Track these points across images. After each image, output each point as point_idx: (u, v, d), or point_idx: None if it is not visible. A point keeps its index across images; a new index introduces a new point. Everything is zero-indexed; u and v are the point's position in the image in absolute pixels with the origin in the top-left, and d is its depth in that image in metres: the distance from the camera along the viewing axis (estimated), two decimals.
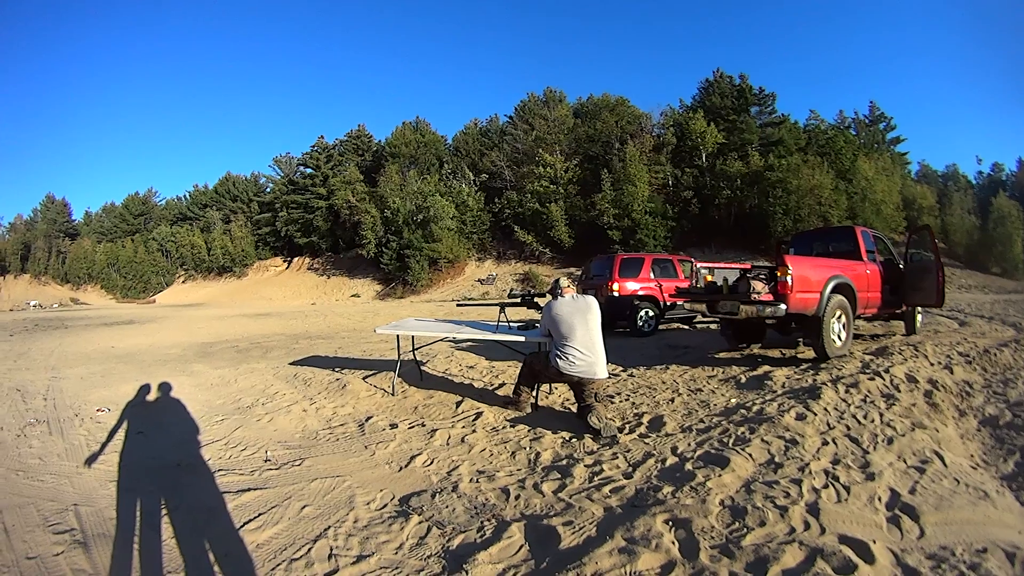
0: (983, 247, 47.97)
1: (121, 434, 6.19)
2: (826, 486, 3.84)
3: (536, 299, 7.84)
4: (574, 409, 6.49)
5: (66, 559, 3.53)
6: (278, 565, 3.34)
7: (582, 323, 6.01)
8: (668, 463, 4.58)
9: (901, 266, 10.79)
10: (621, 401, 7.14)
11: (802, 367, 8.21)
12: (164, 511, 4.13)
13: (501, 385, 8.22)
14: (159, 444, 5.84)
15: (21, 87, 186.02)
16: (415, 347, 9.18)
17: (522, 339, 7.22)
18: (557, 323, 6.08)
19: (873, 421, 5.27)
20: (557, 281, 6.50)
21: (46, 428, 6.61)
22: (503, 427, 6.16)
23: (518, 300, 7.94)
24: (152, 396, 8.09)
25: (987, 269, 45.10)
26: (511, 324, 7.79)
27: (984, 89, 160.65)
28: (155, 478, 4.85)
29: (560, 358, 6.03)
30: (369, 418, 6.65)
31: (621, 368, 9.19)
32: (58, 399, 8.13)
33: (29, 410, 7.53)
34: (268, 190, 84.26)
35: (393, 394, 7.78)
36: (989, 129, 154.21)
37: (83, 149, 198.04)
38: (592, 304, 6.16)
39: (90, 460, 5.39)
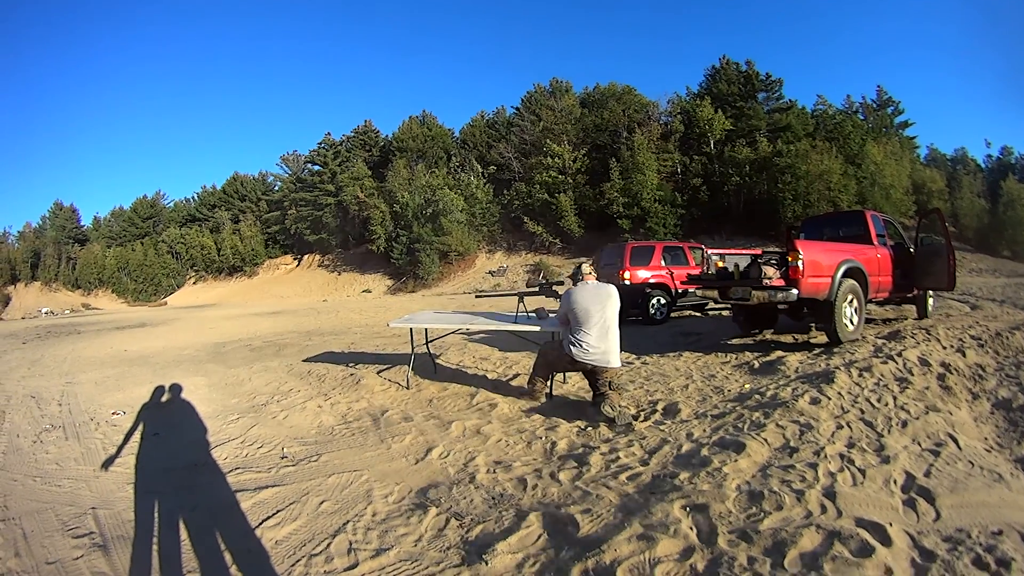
0: (993, 230, 47.98)
1: (137, 436, 6.24)
2: (842, 470, 3.84)
3: (554, 287, 7.84)
4: (589, 398, 6.51)
5: (86, 562, 3.56)
6: (298, 561, 3.37)
7: (599, 311, 6.00)
8: (684, 449, 4.59)
9: (912, 250, 10.73)
10: (635, 389, 7.15)
11: (815, 352, 8.20)
12: (182, 511, 4.16)
13: (515, 376, 8.23)
14: (175, 445, 5.89)
15: (24, 95, 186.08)
16: (428, 340, 9.20)
17: (537, 328, 7.22)
18: (575, 309, 6.07)
19: (887, 405, 5.28)
20: (579, 267, 6.49)
21: (62, 433, 6.65)
22: (518, 417, 6.19)
23: (536, 289, 7.94)
24: (167, 398, 8.14)
25: (997, 252, 44.95)
26: (529, 314, 7.79)
27: (993, 72, 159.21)
28: (172, 479, 4.90)
29: (574, 345, 6.04)
30: (384, 412, 6.67)
31: (634, 356, 9.21)
32: (73, 404, 8.18)
33: (44, 416, 7.57)
34: (276, 188, 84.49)
35: (408, 388, 7.81)
36: (998, 112, 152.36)
37: (89, 154, 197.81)
38: (612, 292, 6.14)
39: (107, 463, 5.43)
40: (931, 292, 11.18)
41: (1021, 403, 5.42)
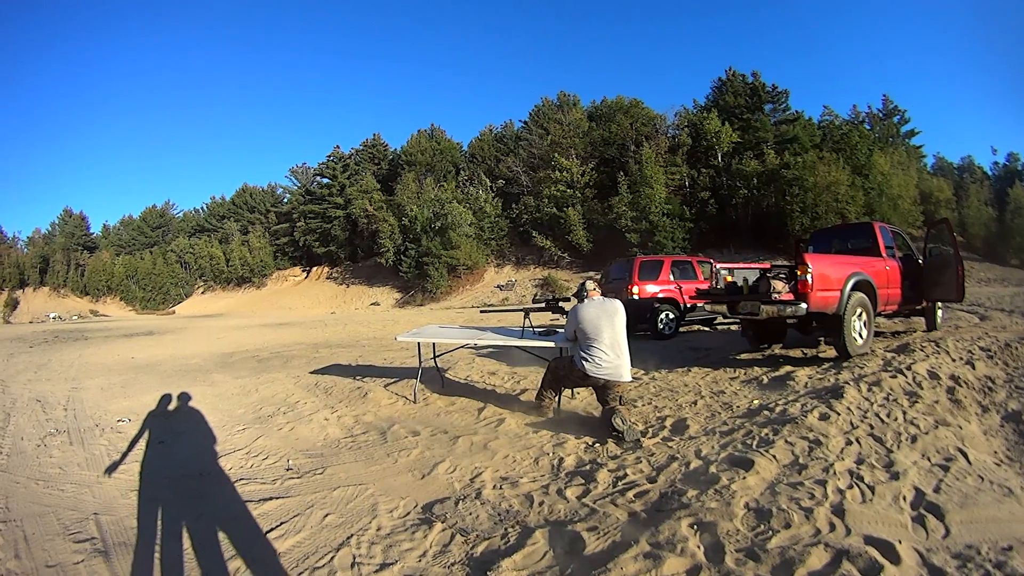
0: (1001, 239, 47.74)
1: (142, 444, 6.25)
2: (851, 486, 3.81)
3: (561, 303, 7.82)
4: (597, 414, 6.48)
5: (86, 567, 3.57)
6: (301, 573, 3.35)
7: (608, 325, 6.02)
8: (692, 466, 4.55)
9: (920, 261, 10.70)
10: (643, 405, 7.12)
11: (824, 366, 8.16)
12: (185, 520, 4.16)
13: (523, 391, 8.21)
14: (180, 454, 5.89)
15: (36, 102, 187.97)
16: (436, 354, 9.19)
17: (547, 344, 7.21)
18: (584, 325, 6.09)
19: (896, 419, 5.24)
20: (583, 284, 6.51)
21: (67, 438, 6.69)
22: (526, 433, 6.15)
23: (543, 305, 7.93)
24: (173, 406, 8.15)
25: (1006, 261, 44.75)
26: (535, 329, 7.78)
27: (998, 78, 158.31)
28: (176, 487, 4.89)
29: (587, 360, 6.03)
30: (391, 426, 6.65)
31: (643, 372, 9.15)
32: (78, 410, 8.22)
33: (50, 420, 7.62)
34: (285, 200, 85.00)
35: (415, 401, 7.80)
36: (1004, 118, 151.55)
37: (99, 163, 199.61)
38: (618, 307, 6.17)
39: (111, 470, 5.45)
40: (940, 304, 11.13)
41: None
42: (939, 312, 11.23)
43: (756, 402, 6.62)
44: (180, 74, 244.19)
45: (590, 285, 6.48)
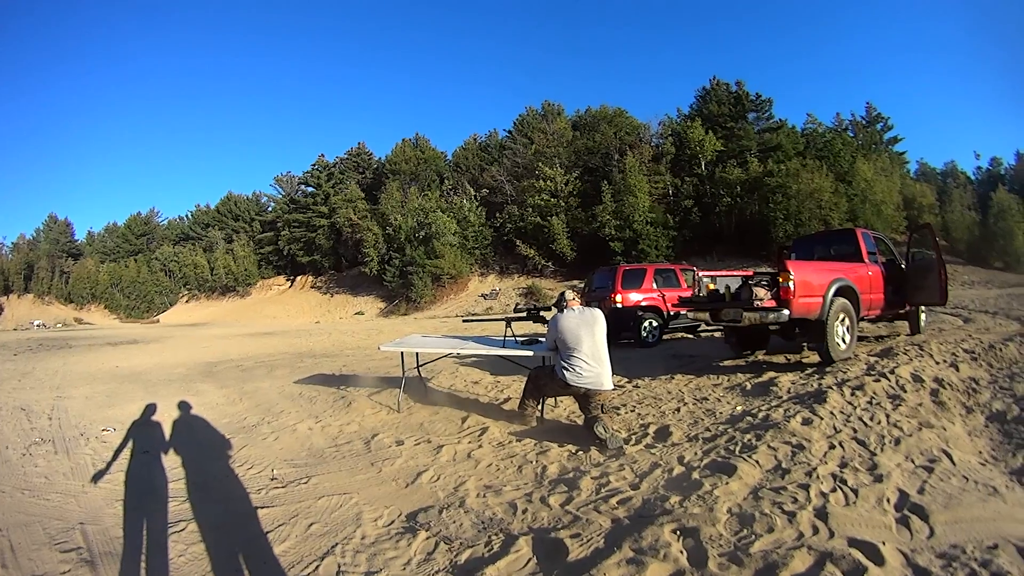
0: (984, 242, 47.97)
1: (127, 453, 6.24)
2: (834, 490, 3.83)
3: (542, 313, 7.83)
4: (580, 422, 6.49)
5: None
6: None
7: (588, 335, 6.02)
8: (675, 473, 4.57)
9: (903, 266, 10.74)
10: (627, 412, 7.13)
11: (807, 372, 8.17)
12: (171, 530, 4.15)
13: (506, 400, 8.20)
14: (165, 463, 5.86)
15: (21, 107, 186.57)
16: (420, 363, 9.17)
17: (529, 353, 7.21)
18: (564, 335, 6.08)
19: (880, 423, 5.26)
20: (562, 294, 6.51)
21: (51, 447, 6.69)
22: (509, 441, 6.15)
23: (524, 315, 7.94)
24: (157, 416, 8.09)
25: (989, 264, 45.05)
26: (517, 339, 7.77)
27: (980, 83, 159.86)
28: (161, 497, 4.88)
29: (567, 370, 6.03)
30: (375, 435, 6.65)
31: (626, 379, 9.16)
32: (63, 419, 8.20)
33: (34, 429, 7.61)
34: (270, 209, 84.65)
35: (399, 411, 7.79)
36: (986, 124, 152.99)
37: (84, 169, 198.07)
38: (598, 316, 6.17)
39: (96, 479, 5.45)
40: (923, 307, 11.19)
41: (1015, 415, 5.42)
42: (923, 316, 11.30)
43: (739, 408, 6.64)
44: (165, 81, 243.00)
45: (569, 295, 6.49)
